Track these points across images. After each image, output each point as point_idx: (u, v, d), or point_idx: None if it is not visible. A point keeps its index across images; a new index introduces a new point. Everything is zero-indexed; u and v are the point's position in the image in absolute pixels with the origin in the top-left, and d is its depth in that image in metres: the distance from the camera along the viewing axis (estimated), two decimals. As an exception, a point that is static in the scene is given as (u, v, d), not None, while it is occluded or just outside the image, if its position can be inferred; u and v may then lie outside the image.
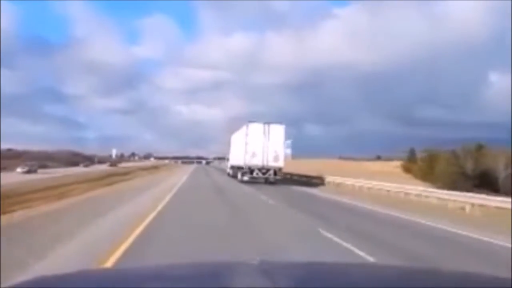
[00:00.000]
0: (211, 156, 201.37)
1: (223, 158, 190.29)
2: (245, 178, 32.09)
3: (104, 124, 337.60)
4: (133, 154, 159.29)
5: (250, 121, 31.80)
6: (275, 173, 31.37)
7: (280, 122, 32.12)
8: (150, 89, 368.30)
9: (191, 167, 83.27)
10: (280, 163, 31.40)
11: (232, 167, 43.16)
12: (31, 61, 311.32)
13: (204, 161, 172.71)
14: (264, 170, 31.31)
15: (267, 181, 31.99)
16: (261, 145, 31.19)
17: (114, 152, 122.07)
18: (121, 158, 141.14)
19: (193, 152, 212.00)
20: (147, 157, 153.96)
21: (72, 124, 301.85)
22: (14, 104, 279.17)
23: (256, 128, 31.43)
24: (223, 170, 62.91)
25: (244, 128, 32.20)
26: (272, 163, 31.22)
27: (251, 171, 31.53)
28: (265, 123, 31.66)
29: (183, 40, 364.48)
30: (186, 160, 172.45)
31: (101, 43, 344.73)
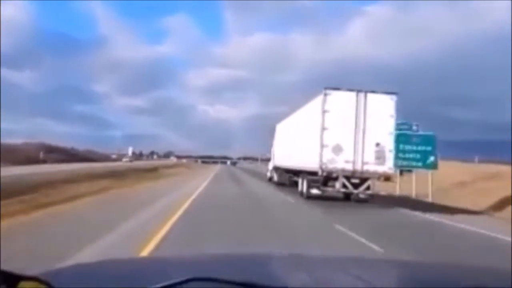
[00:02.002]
0: (236, 156, 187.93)
1: (250, 158, 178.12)
2: (314, 191, 17.48)
3: (126, 122, 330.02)
4: (152, 153, 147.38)
5: (330, 88, 17.04)
6: (367, 186, 16.62)
7: (387, 92, 17.17)
8: (174, 88, 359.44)
9: (214, 169, 61.75)
10: (386, 167, 16.54)
11: (278, 170, 28.50)
12: (54, 59, 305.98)
13: (229, 161, 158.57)
14: (357, 179, 16.55)
15: (348, 198, 17.49)
16: (353, 132, 16.50)
17: (130, 150, 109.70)
18: (139, 156, 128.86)
19: (217, 152, 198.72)
20: (167, 156, 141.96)
21: (94, 122, 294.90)
22: (37, 101, 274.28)
23: (342, 99, 16.69)
24: (257, 173, 48.12)
25: (318, 101, 17.42)
26: (372, 166, 16.41)
27: (326, 179, 16.93)
28: (358, 91, 16.87)
29: (206, 40, 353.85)
30: (209, 159, 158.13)
31: (123, 42, 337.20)
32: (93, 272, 1.49)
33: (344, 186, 16.48)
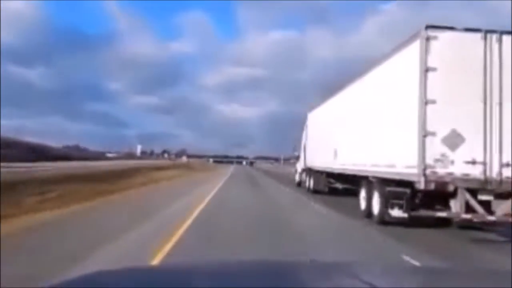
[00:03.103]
0: (252, 155, 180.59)
1: (268, 158, 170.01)
2: (397, 213, 9.85)
3: (139, 120, 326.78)
4: (163, 152, 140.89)
5: (436, 26, 9.34)
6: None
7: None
8: (189, 86, 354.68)
9: (226, 172, 50.17)
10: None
11: (313, 173, 20.99)
12: (66, 56, 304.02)
13: (244, 161, 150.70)
14: (490, 194, 8.85)
15: (447, 222, 9.84)
16: (481, 108, 8.86)
17: (139, 149, 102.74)
18: (149, 155, 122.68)
19: (233, 152, 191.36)
20: (179, 155, 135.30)
21: (106, 120, 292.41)
22: (49, 98, 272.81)
23: (459, 47, 9.06)
24: (282, 177, 40.47)
25: (411, 52, 9.60)
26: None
27: (427, 195, 9.38)
28: (487, 32, 9.16)
29: (222, 37, 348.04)
30: (224, 159, 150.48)
31: (138, 39, 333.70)
32: (112, 281, 1.45)
33: (468, 208, 8.76)
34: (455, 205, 8.79)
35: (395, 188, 10.08)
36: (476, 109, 8.80)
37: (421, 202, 9.84)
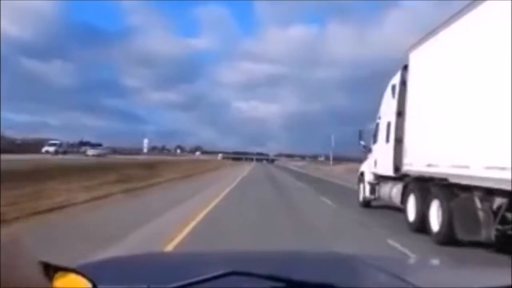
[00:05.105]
0: (272, 152, 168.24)
1: (292, 156, 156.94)
2: None
3: (158, 117, 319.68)
4: (177, 148, 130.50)
5: None
6: None
7: None
8: (208, 83, 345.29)
9: (244, 170, 37.84)
10: None
11: (443, 191, 7.94)
12: (83, 52, 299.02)
13: (265, 160, 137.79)
14: None
15: None
16: None
17: (145, 143, 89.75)
18: (161, 151, 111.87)
19: (252, 149, 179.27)
20: (193, 151, 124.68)
21: (122, 115, 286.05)
22: (66, 94, 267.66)
23: None
24: (330, 187, 27.55)
25: None
26: None
27: None
28: None
29: (240, 33, 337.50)
30: (242, 156, 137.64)
31: (155, 34, 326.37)
32: (129, 265, 1.46)
33: None
34: None
35: None
36: None
37: None
